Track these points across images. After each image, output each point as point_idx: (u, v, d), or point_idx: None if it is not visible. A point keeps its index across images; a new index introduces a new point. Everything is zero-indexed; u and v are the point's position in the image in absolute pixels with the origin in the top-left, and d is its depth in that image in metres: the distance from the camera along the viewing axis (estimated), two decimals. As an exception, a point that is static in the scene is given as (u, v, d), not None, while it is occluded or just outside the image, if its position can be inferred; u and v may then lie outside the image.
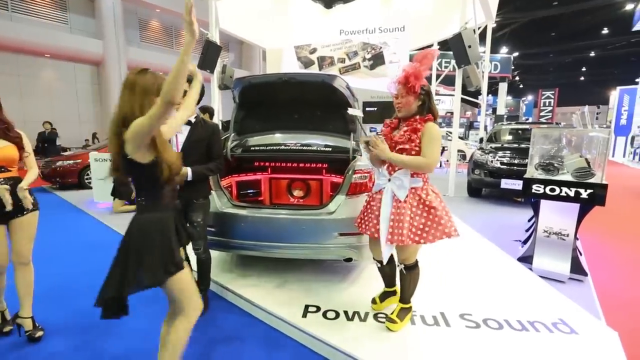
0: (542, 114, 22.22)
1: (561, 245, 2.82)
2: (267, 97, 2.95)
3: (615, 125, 17.12)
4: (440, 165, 12.82)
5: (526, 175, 2.93)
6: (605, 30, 25.18)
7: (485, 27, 7.90)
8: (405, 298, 2.01)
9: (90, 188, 5.93)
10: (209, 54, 7.21)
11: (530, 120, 26.84)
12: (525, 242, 3.54)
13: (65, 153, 9.18)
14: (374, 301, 2.20)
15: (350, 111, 2.03)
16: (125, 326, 2.12)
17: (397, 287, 2.19)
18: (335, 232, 2.31)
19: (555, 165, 2.86)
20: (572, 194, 2.63)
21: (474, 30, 6.21)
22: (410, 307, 2.04)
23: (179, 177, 1.99)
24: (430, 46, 11.07)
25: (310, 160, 3.09)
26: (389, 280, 2.20)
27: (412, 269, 1.93)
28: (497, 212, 5.39)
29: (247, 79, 2.87)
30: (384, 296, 2.22)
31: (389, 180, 1.86)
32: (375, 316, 2.12)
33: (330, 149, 2.95)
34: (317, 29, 8.49)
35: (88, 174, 7.10)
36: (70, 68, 14.00)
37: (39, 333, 2.03)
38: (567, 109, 35.33)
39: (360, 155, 2.59)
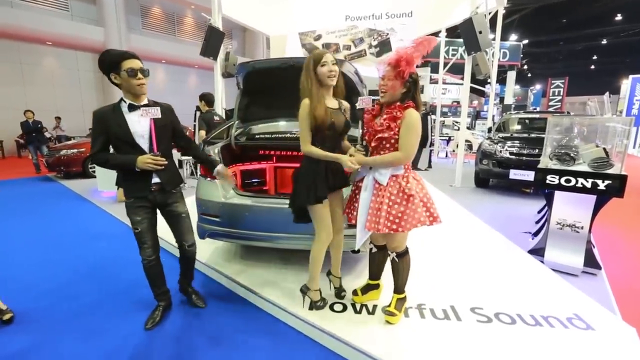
0: (551, 103, 21.74)
1: (575, 238, 2.74)
2: (272, 82, 2.84)
3: (626, 115, 16.75)
4: (447, 155, 12.67)
5: (540, 165, 2.83)
6: (618, 17, 24.43)
7: (496, 13, 7.64)
8: (399, 287, 1.98)
9: (95, 177, 5.89)
10: (212, 41, 7.05)
11: (539, 109, 26.39)
12: (535, 234, 3.46)
13: (69, 142, 9.16)
14: (355, 292, 2.16)
15: (360, 104, 1.92)
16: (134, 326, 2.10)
17: (381, 282, 2.18)
18: (343, 223, 2.24)
19: (571, 155, 2.75)
20: (589, 185, 2.53)
21: (485, 16, 5.99)
22: (405, 297, 2.01)
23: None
24: (437, 33, 10.80)
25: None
26: (376, 270, 2.14)
27: (402, 256, 1.92)
28: (505, 203, 5.29)
29: (251, 63, 2.77)
30: (366, 289, 2.16)
31: (370, 168, 1.83)
32: (384, 309, 2.07)
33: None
34: (322, 14, 8.26)
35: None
36: (73, 56, 13.87)
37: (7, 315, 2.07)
38: (576, 99, 34.61)
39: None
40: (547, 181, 2.69)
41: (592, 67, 33.85)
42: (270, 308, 2.19)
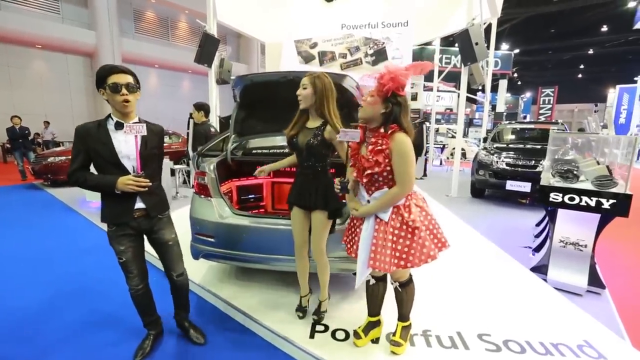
0: (541, 111, 22.14)
1: (578, 257, 2.69)
2: (270, 96, 2.76)
3: (614, 125, 17.08)
4: (441, 163, 12.72)
5: (543, 183, 2.78)
6: (604, 28, 25.09)
7: (490, 23, 7.73)
8: (404, 315, 1.88)
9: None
10: (207, 47, 6.96)
11: (528, 117, 26.83)
12: (536, 249, 3.42)
13: (57, 149, 8.91)
14: (357, 335, 1.91)
15: (342, 136, 1.75)
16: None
17: (381, 317, 2.00)
18: (342, 242, 2.15)
19: (575, 172, 2.72)
20: (592, 203, 2.49)
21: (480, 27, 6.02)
22: (410, 324, 1.91)
23: None
24: (429, 43, 10.87)
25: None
26: (376, 306, 1.95)
27: (406, 285, 1.80)
28: (502, 214, 5.27)
29: (249, 77, 2.68)
30: (367, 328, 1.96)
31: (368, 201, 1.67)
32: (388, 337, 1.97)
33: (337, 153, 2.77)
34: (318, 22, 8.22)
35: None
36: (63, 59, 13.61)
37: None
38: (564, 106, 35.35)
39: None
40: (551, 199, 2.65)
41: (580, 75, 34.66)
42: (268, 335, 2.08)
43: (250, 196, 3.11)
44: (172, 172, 6.41)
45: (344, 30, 8.07)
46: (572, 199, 2.57)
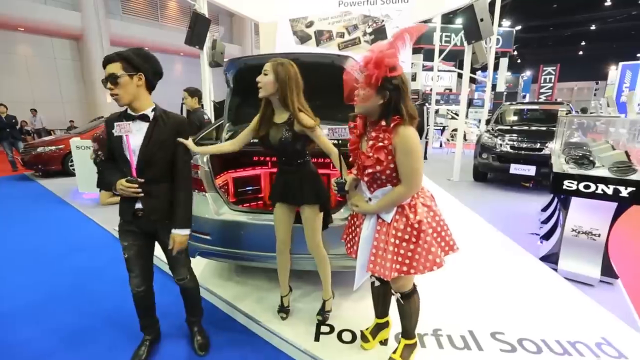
0: (542, 90, 21.72)
1: (591, 246, 2.59)
2: (265, 81, 2.55)
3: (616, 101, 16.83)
4: (441, 145, 12.54)
5: (555, 169, 2.64)
6: (607, 2, 24.38)
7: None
8: (408, 331, 1.66)
9: (75, 175, 5.51)
10: (197, 28, 6.61)
11: (528, 97, 26.42)
12: (544, 237, 3.32)
13: (48, 138, 8.65)
14: (364, 338, 1.80)
15: (330, 134, 1.54)
16: (111, 354, 1.85)
17: (389, 318, 1.86)
18: (341, 239, 2.02)
19: (590, 158, 2.57)
20: (610, 192, 2.36)
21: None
22: (416, 343, 1.69)
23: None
24: (429, 20, 10.41)
25: (317, 153, 2.74)
26: (382, 306, 1.82)
27: (409, 297, 1.58)
28: (506, 199, 5.16)
29: (243, 59, 2.47)
30: (376, 330, 1.84)
31: (370, 199, 1.49)
32: (397, 337, 1.88)
33: (339, 141, 2.60)
34: (314, 0, 7.83)
35: (72, 160, 6.63)
36: (48, 43, 13.06)
37: None
38: (564, 85, 34.82)
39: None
40: (564, 187, 2.51)
41: (581, 52, 34.03)
42: (271, 337, 1.97)
43: (247, 188, 2.95)
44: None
45: (341, 8, 7.69)
46: (587, 186, 2.43)
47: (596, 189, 2.40)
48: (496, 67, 19.48)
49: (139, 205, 1.60)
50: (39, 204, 5.05)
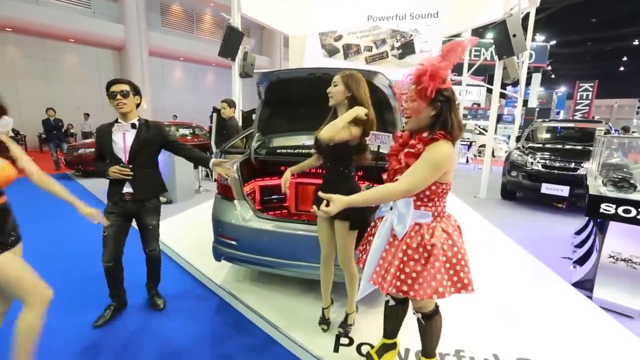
0: (578, 107, 20.73)
1: (631, 275, 2.43)
2: (296, 94, 2.64)
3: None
4: (467, 161, 12.23)
5: (592, 192, 2.53)
6: (653, 17, 23.20)
7: (527, 14, 7.20)
8: (427, 351, 1.62)
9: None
10: (231, 41, 6.92)
11: (562, 113, 25.27)
12: (578, 262, 3.16)
13: (87, 140, 9.24)
14: (369, 358, 1.78)
15: (371, 139, 1.52)
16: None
17: (398, 340, 1.83)
18: (356, 250, 2.02)
19: (631, 181, 2.44)
20: (653, 217, 2.23)
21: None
22: None
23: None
24: (458, 35, 10.32)
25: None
26: (393, 327, 1.77)
27: (430, 318, 1.53)
28: (537, 219, 4.95)
29: (276, 73, 2.57)
30: (382, 350, 1.79)
31: (391, 208, 1.45)
32: (417, 354, 1.84)
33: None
34: (343, 14, 7.97)
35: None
36: (93, 53, 14.06)
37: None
38: (602, 102, 33.03)
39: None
40: (601, 210, 2.39)
41: (622, 68, 32.34)
42: (291, 345, 1.99)
43: (273, 197, 3.03)
44: (195, 166, 6.46)
45: (370, 22, 7.79)
46: (627, 211, 2.31)
47: (638, 214, 2.28)
48: (528, 82, 18.91)
49: (126, 190, 2.07)
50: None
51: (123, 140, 2.05)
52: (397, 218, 1.39)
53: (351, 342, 1.96)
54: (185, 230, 3.88)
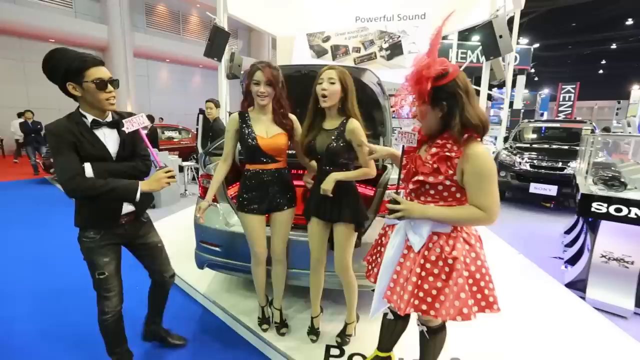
0: (561, 109, 21.27)
1: (624, 274, 2.41)
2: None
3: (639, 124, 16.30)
4: (455, 162, 12.33)
5: (583, 191, 2.50)
6: (629, 21, 24.00)
7: (512, 16, 7.30)
8: None
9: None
10: (217, 42, 6.77)
11: (546, 115, 25.88)
12: (569, 262, 3.14)
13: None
14: None
15: (400, 139, 1.41)
16: None
17: (392, 354, 1.72)
18: (363, 260, 1.93)
19: (621, 180, 2.42)
20: (644, 216, 2.20)
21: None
22: None
23: None
24: (445, 37, 10.41)
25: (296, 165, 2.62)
26: (388, 341, 1.66)
27: (437, 332, 1.42)
28: (526, 219, 4.96)
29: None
30: None
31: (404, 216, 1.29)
32: (411, 364, 1.75)
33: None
34: (331, 15, 7.94)
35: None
36: (75, 54, 13.65)
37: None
38: (583, 104, 34.03)
39: (392, 166, 2.18)
40: (593, 209, 2.37)
41: (601, 71, 33.40)
42: (277, 357, 1.88)
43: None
44: (181, 169, 6.28)
45: (358, 23, 7.78)
46: (619, 209, 2.28)
47: (629, 212, 2.25)
48: (513, 84, 19.26)
49: (127, 210, 1.52)
50: (55, 208, 5.10)
51: (143, 138, 1.51)
52: (413, 228, 1.25)
53: (342, 353, 1.86)
54: (169, 236, 3.71)
